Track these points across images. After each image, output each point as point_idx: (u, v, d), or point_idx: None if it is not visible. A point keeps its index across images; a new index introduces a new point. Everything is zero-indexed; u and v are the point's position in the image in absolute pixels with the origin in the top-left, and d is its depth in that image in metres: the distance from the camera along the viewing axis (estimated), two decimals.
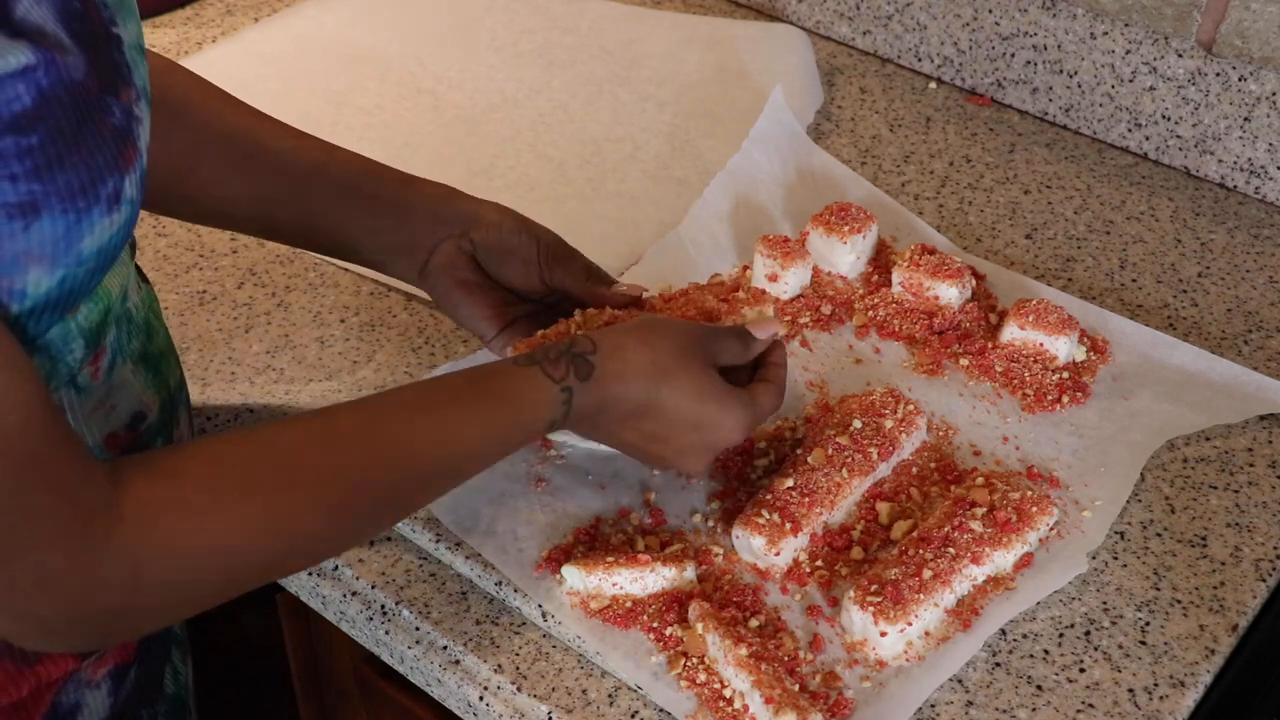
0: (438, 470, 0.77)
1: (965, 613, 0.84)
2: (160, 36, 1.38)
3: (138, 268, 0.84)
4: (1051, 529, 0.89)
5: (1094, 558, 0.89)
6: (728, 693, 0.80)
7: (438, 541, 0.89)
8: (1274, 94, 1.16)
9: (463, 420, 0.78)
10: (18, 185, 0.60)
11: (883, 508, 0.91)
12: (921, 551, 0.85)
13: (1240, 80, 1.17)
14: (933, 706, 0.81)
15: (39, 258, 0.63)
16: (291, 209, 0.93)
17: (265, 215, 0.93)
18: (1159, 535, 0.91)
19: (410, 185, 0.95)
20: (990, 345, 1.02)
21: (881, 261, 1.11)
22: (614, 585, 0.85)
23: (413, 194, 0.94)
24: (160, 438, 0.81)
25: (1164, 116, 1.23)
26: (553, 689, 0.83)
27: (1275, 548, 0.90)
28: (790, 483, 0.89)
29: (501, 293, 0.95)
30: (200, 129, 0.91)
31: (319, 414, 0.75)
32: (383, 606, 0.88)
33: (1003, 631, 0.85)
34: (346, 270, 1.11)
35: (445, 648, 0.85)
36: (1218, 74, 1.18)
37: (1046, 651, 0.84)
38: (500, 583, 0.87)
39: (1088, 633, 0.85)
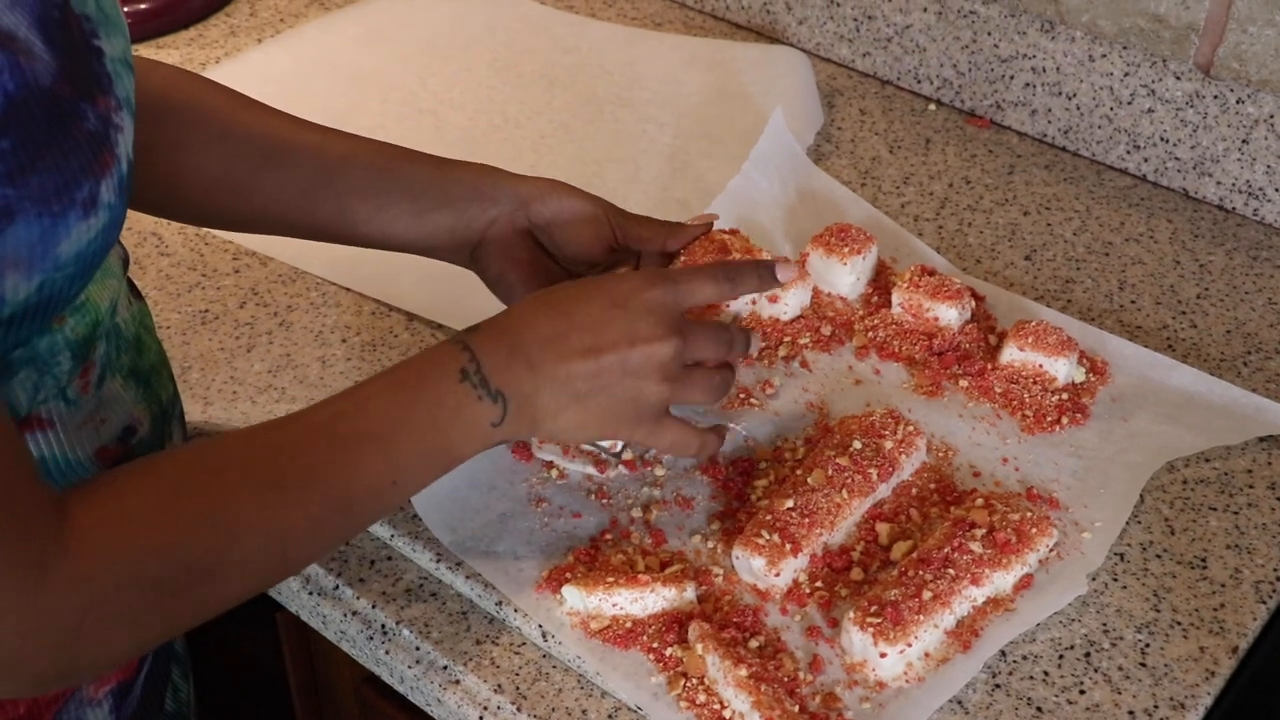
0: (363, 443, 0.75)
1: (965, 634, 0.84)
2: (164, 57, 1.39)
3: (131, 284, 0.84)
4: (1051, 550, 0.89)
5: (1094, 579, 0.89)
6: (727, 714, 0.80)
7: (438, 561, 0.89)
8: (1272, 116, 1.16)
9: (369, 388, 0.77)
10: None
11: (882, 529, 0.91)
12: (921, 573, 0.85)
13: (1238, 103, 1.18)
14: None
15: (15, 263, 0.63)
16: (329, 203, 0.93)
17: (304, 212, 0.93)
18: (1159, 557, 0.91)
19: (448, 166, 0.95)
20: (990, 366, 1.03)
21: (881, 283, 1.11)
22: (614, 605, 0.85)
23: (453, 174, 0.94)
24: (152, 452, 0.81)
25: (1162, 138, 1.23)
26: (553, 709, 0.83)
27: (1275, 569, 0.91)
28: (790, 503, 0.89)
29: (554, 268, 0.96)
30: (226, 135, 0.92)
31: (254, 426, 0.76)
32: (383, 626, 0.88)
33: (1002, 653, 0.85)
34: (348, 290, 1.11)
35: (445, 667, 0.85)
36: (1216, 96, 1.19)
37: (1046, 673, 0.84)
38: (500, 603, 0.87)
39: (1088, 654, 0.85)
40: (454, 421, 0.77)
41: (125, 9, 1.39)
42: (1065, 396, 1.00)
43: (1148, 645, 0.86)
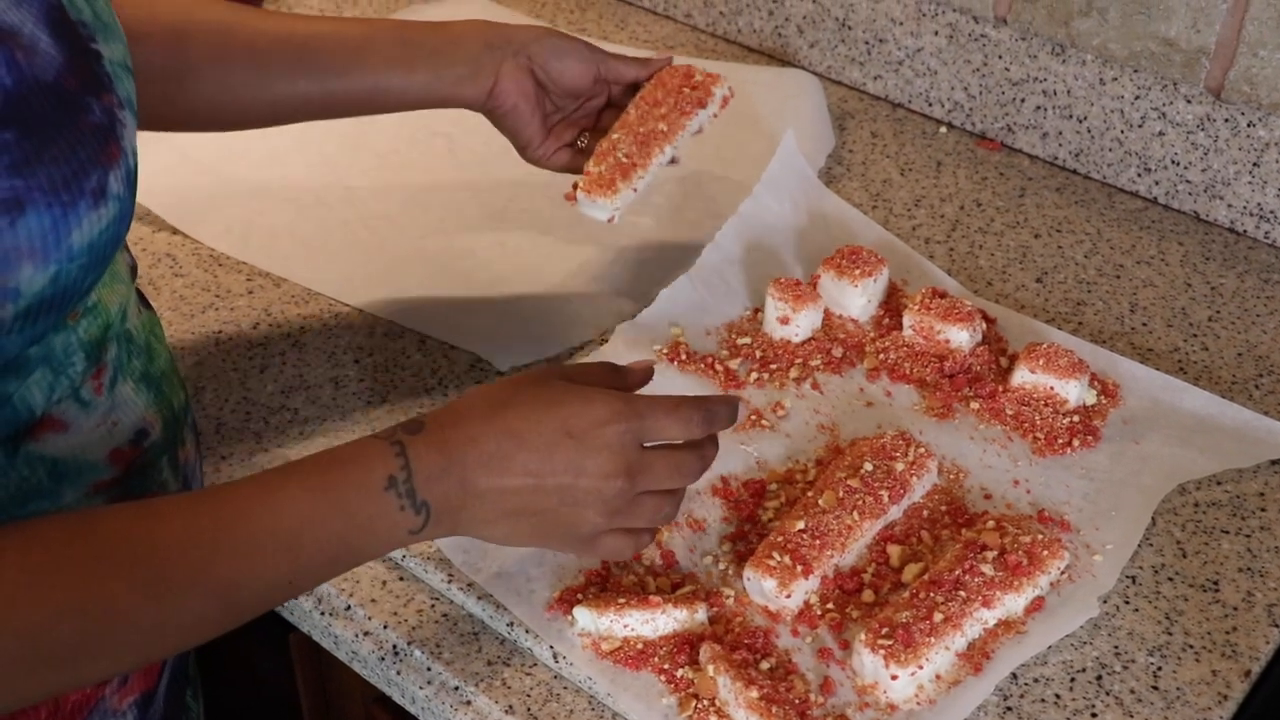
0: (267, 541, 0.71)
1: (976, 656, 0.84)
2: None
3: (141, 294, 0.86)
4: (1063, 573, 0.89)
5: (1105, 602, 0.89)
6: None
7: (449, 582, 0.90)
8: None
9: (288, 484, 0.73)
10: None
11: (894, 550, 0.91)
12: (932, 594, 0.85)
13: (1249, 126, 1.18)
14: None
15: (29, 253, 0.64)
16: (363, 81, 1.02)
17: (338, 96, 1.02)
18: (1170, 580, 0.91)
19: (450, 28, 1.06)
20: (1001, 389, 1.03)
21: (892, 305, 1.11)
22: (625, 627, 0.85)
23: (460, 33, 1.05)
24: (165, 456, 0.82)
25: (1173, 161, 1.24)
26: None
27: None
28: (801, 525, 0.89)
29: (549, 102, 1.08)
30: (254, 44, 1.00)
31: (150, 505, 0.72)
32: (394, 647, 0.88)
33: (1014, 675, 0.85)
34: (361, 311, 1.12)
35: (457, 688, 0.85)
36: (1226, 120, 1.19)
37: (1058, 696, 0.84)
38: (512, 624, 0.87)
39: (1099, 677, 0.85)
40: (369, 529, 0.74)
41: None
42: (1076, 419, 1.00)
43: (1160, 668, 0.86)
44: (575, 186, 1.06)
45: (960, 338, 1.05)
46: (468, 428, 0.76)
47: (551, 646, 0.85)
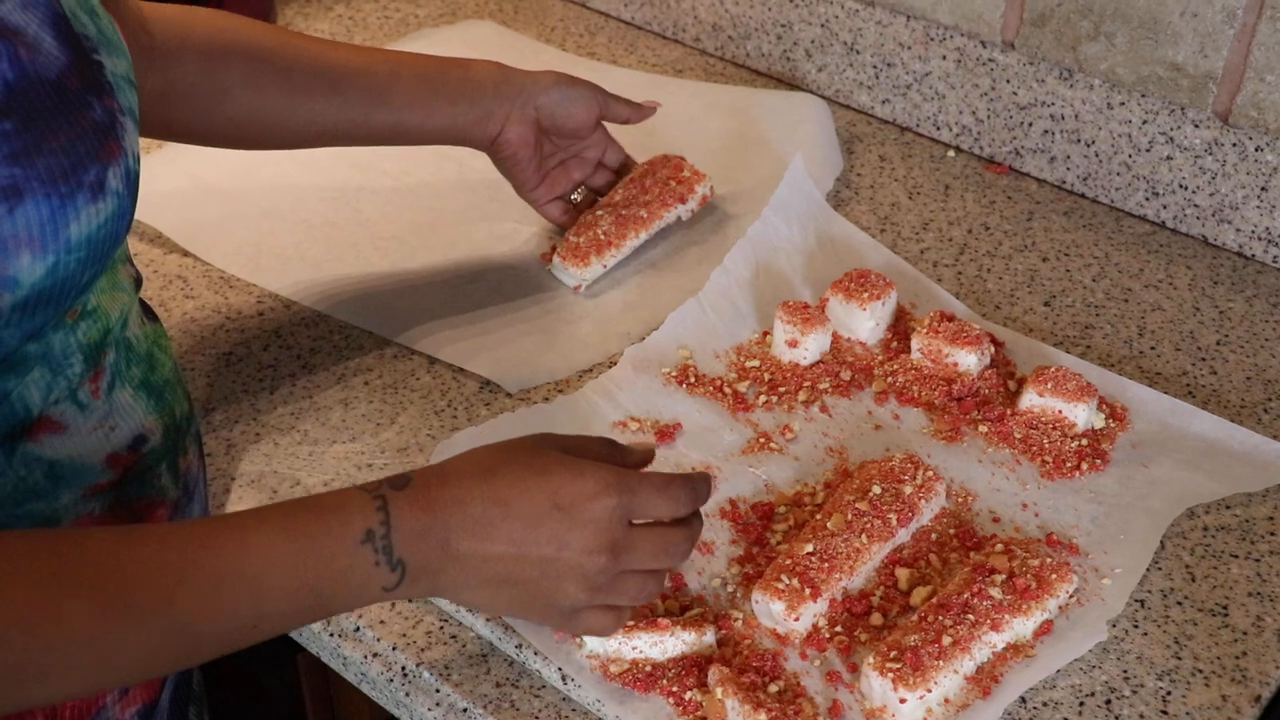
0: (233, 579, 0.69)
1: (985, 680, 0.84)
2: None
3: (146, 307, 0.87)
4: (1071, 596, 0.89)
5: (1114, 626, 0.89)
6: None
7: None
8: None
9: (262, 525, 0.71)
10: None
11: (902, 574, 0.91)
12: (941, 618, 0.85)
13: (1257, 150, 1.18)
14: None
15: (27, 241, 0.66)
16: (385, 117, 1.08)
17: (362, 127, 1.09)
18: (1180, 604, 0.91)
19: (469, 69, 1.12)
20: (1009, 412, 1.03)
21: (901, 328, 1.11)
22: (634, 649, 0.85)
23: (476, 77, 1.12)
24: (164, 463, 0.83)
25: (1181, 186, 1.24)
26: None
27: None
28: (810, 548, 0.89)
29: (549, 144, 1.17)
30: (290, 69, 1.05)
31: (114, 530, 0.70)
32: (403, 668, 0.88)
33: (1023, 699, 0.85)
34: (370, 334, 1.12)
35: (465, 710, 0.85)
36: (1234, 144, 1.19)
37: None
38: (520, 645, 0.87)
39: (1108, 701, 0.85)
40: (341, 581, 0.71)
41: None
42: (1085, 442, 1.00)
43: (1169, 693, 0.85)
44: (553, 249, 1.19)
45: (968, 361, 1.05)
46: (454, 489, 0.74)
47: (560, 668, 0.85)
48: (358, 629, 0.90)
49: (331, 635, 0.91)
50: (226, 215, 1.25)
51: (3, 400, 0.72)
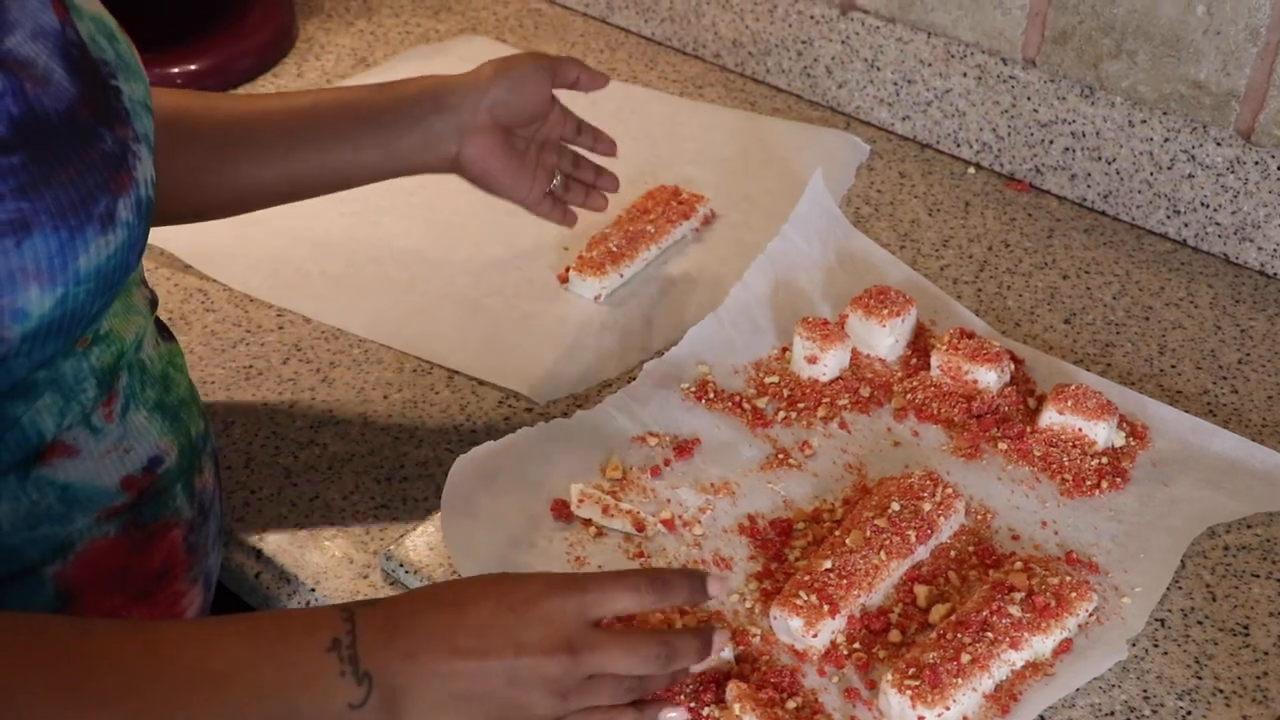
0: (196, 678, 0.67)
1: (1004, 698, 0.84)
2: None
3: (163, 326, 0.86)
4: (1091, 615, 0.89)
5: (1134, 645, 0.89)
6: None
7: None
8: None
9: (227, 626, 0.70)
10: (5, 203, 0.64)
11: (921, 591, 0.90)
12: (960, 635, 0.85)
13: (1279, 169, 1.18)
14: None
15: (36, 274, 0.65)
16: (310, 158, 0.98)
17: (287, 174, 0.98)
18: (1200, 623, 0.91)
19: (402, 88, 1.01)
20: (1029, 429, 1.02)
21: (920, 345, 1.11)
22: None
23: (410, 95, 1.00)
24: (180, 483, 0.82)
25: (1203, 204, 1.23)
26: None
27: None
28: (828, 564, 0.89)
29: (517, 144, 1.05)
30: (198, 130, 0.95)
31: (83, 622, 0.70)
32: None
33: (1041, 717, 0.84)
34: (389, 348, 1.12)
35: None
36: (1256, 162, 1.19)
37: None
38: None
39: None
40: (306, 686, 0.69)
41: (175, 69, 1.42)
42: (1105, 460, 1.00)
43: (1189, 713, 0.85)
44: (567, 270, 1.19)
45: (988, 378, 1.05)
46: (412, 603, 0.73)
47: None
48: None
49: None
50: (242, 234, 1.25)
51: (14, 426, 0.71)
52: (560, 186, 1.11)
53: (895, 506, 0.93)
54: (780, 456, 1.01)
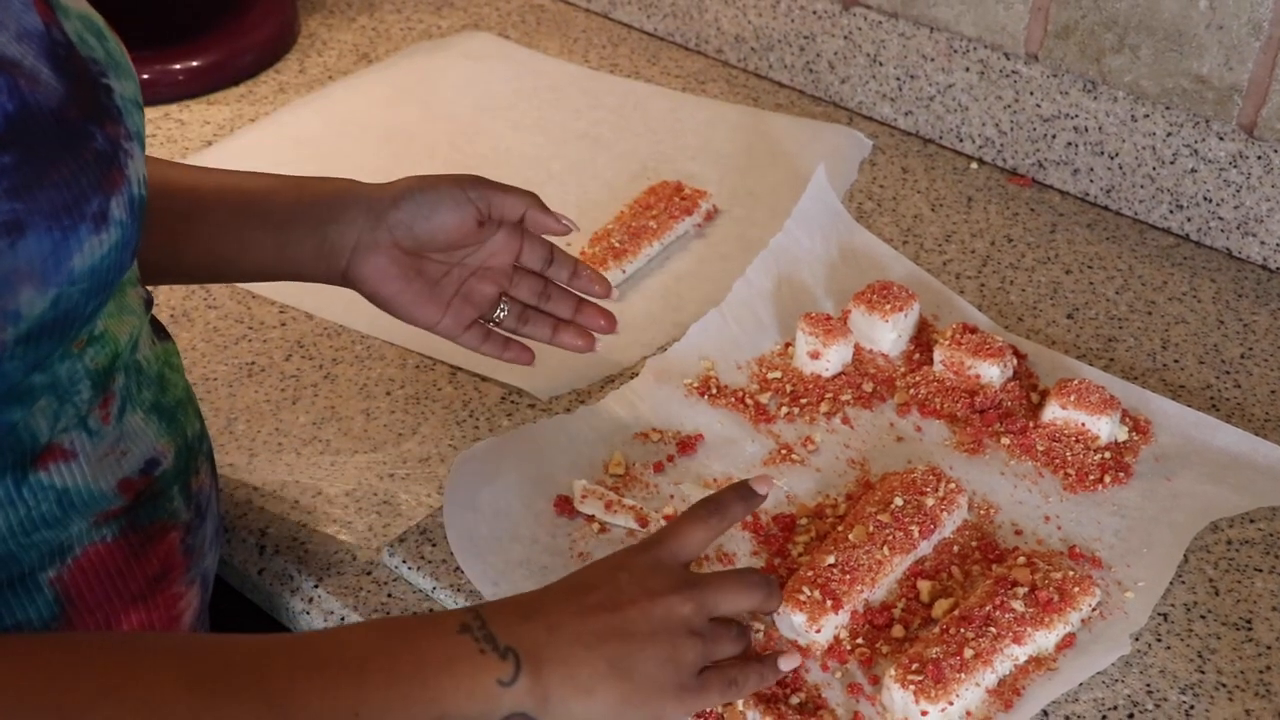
0: (332, 662, 0.68)
1: (1007, 693, 0.84)
2: (214, 114, 1.41)
3: (158, 325, 0.86)
4: (1094, 610, 0.89)
5: (1137, 639, 0.89)
6: None
7: None
8: None
9: (353, 626, 0.71)
10: None
11: (924, 586, 0.91)
12: (963, 630, 0.85)
13: None
14: None
15: (29, 275, 0.65)
16: (196, 246, 0.92)
17: (173, 259, 0.92)
18: (1203, 618, 0.91)
19: (308, 188, 0.94)
20: (1032, 424, 1.02)
21: (923, 340, 1.11)
22: None
23: (310, 197, 0.93)
24: (176, 485, 0.81)
25: (1206, 198, 1.23)
26: None
27: None
28: (831, 559, 0.89)
29: (429, 268, 0.95)
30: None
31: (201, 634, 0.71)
32: None
33: (1045, 712, 0.84)
34: (392, 344, 1.12)
35: None
36: (1259, 157, 1.19)
37: None
38: None
39: (1131, 715, 0.84)
40: (446, 672, 0.69)
41: (177, 66, 1.42)
42: (1108, 455, 1.00)
43: (1192, 707, 0.85)
44: None
45: (991, 373, 1.05)
46: (529, 593, 0.76)
47: None
48: None
49: None
50: None
51: (9, 430, 0.70)
52: (509, 318, 0.99)
53: (898, 502, 0.93)
54: (783, 452, 1.01)
